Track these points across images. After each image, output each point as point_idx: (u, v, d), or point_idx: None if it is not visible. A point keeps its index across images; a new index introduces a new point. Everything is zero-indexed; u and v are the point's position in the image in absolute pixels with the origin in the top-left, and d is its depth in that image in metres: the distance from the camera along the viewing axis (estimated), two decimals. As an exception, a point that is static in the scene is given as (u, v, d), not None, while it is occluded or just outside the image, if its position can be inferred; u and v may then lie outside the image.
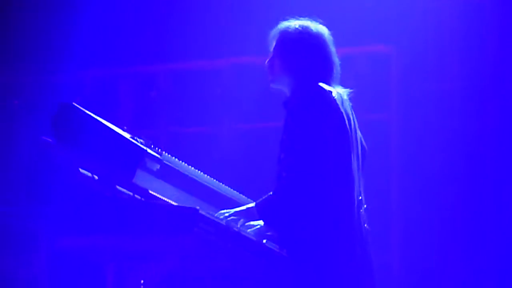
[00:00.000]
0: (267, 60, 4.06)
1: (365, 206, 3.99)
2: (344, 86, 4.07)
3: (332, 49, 4.02)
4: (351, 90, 4.03)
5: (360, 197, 3.97)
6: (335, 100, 3.91)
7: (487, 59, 6.60)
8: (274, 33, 4.04)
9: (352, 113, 4.02)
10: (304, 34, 3.99)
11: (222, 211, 3.96)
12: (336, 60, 4.03)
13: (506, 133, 6.57)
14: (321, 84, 3.91)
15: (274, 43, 4.04)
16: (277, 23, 4.11)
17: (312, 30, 4.00)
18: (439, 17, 6.66)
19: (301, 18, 4.05)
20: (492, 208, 6.50)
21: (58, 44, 6.93)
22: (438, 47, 6.67)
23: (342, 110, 3.92)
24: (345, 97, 3.99)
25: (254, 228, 3.90)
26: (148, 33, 7.09)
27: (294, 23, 4.03)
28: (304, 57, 3.97)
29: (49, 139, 3.90)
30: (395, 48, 6.78)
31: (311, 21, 4.04)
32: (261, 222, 3.91)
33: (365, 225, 3.97)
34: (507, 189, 6.51)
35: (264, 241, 3.94)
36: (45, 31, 6.98)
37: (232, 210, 3.95)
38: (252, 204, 3.95)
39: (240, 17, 6.77)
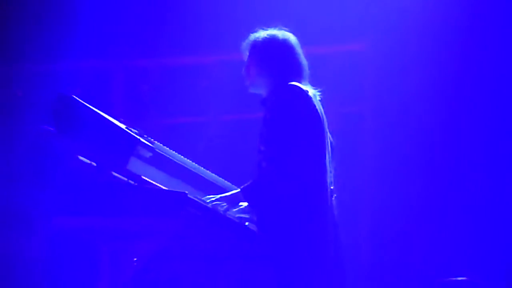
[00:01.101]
0: (243, 69, 4.32)
1: (335, 195, 4.18)
2: (321, 82, 4.29)
3: (299, 51, 4.30)
4: (321, 90, 4.26)
5: (332, 187, 4.16)
6: (311, 97, 4.14)
7: (459, 54, 6.63)
8: (246, 44, 4.33)
9: (323, 111, 4.21)
10: (273, 41, 4.28)
11: (209, 196, 4.12)
12: (304, 61, 4.30)
13: (478, 126, 6.59)
14: (296, 83, 4.15)
15: (247, 53, 4.31)
16: (260, 24, 4.38)
17: (279, 37, 4.30)
18: (410, 14, 6.68)
19: (268, 28, 4.35)
20: (465, 198, 6.53)
21: (56, 36, 6.90)
22: (410, 43, 6.70)
23: (317, 107, 4.15)
24: (317, 97, 4.22)
25: (239, 209, 4.10)
26: (142, 31, 7.11)
27: (262, 34, 4.32)
28: (276, 60, 4.24)
29: (49, 128, 4.05)
30: (368, 45, 6.85)
31: (277, 29, 4.33)
32: (245, 204, 4.10)
33: (335, 211, 4.16)
34: (478, 179, 6.55)
35: (247, 223, 4.15)
36: (42, 23, 6.94)
37: (218, 196, 4.12)
38: (236, 190, 4.12)
39: (228, 17, 6.84)
